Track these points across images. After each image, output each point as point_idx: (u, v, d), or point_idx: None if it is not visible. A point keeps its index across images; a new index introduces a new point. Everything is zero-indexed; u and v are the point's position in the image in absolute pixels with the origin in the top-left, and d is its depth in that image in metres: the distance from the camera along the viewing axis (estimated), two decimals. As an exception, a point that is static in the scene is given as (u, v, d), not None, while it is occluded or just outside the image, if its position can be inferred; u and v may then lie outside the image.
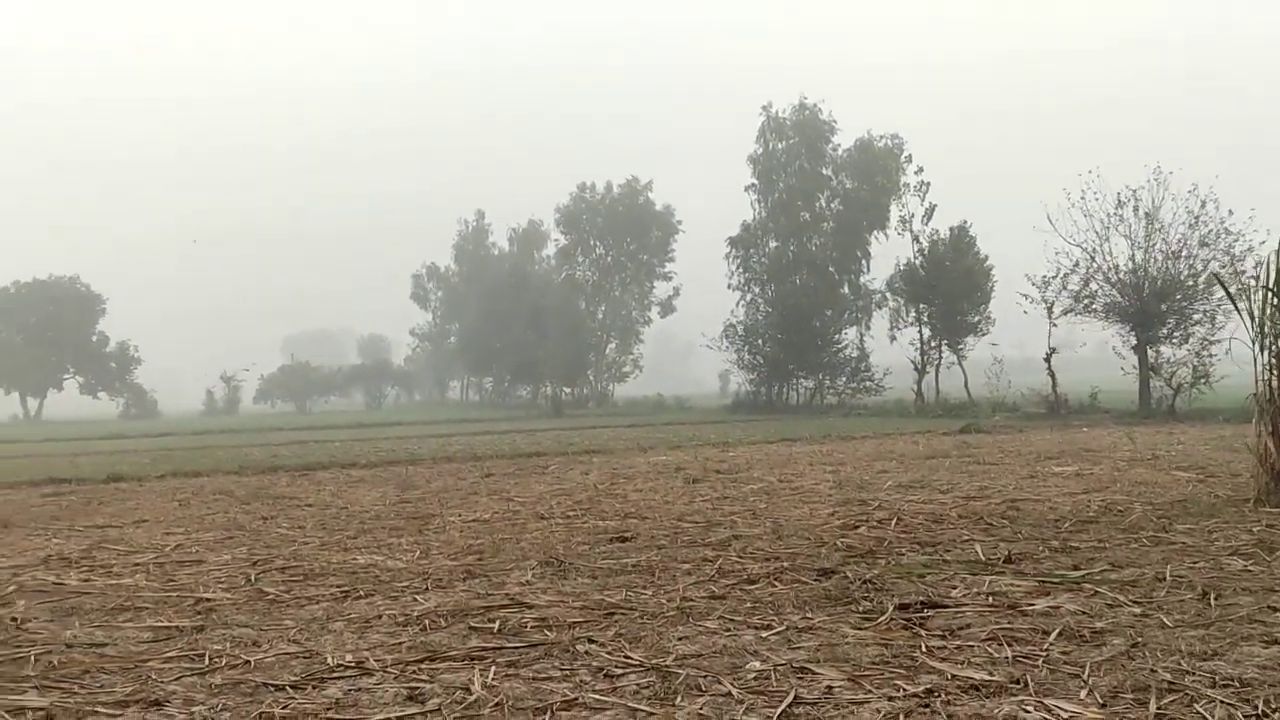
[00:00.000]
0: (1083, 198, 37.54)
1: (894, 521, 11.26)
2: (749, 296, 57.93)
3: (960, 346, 47.33)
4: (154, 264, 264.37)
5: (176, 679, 5.84)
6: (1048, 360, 39.77)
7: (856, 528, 10.95)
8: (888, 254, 53.47)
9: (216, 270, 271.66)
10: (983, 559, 8.90)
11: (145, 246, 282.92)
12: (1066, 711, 4.85)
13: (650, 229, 77.71)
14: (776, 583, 8.10)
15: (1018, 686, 5.25)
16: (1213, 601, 7.04)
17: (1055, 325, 39.63)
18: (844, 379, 54.95)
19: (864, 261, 57.02)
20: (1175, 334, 37.78)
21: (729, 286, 58.32)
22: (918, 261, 48.36)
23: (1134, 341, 38.35)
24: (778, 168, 57.41)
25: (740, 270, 58.06)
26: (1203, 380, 35.96)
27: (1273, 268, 12.77)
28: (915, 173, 51.28)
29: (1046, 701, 4.98)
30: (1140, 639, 6.11)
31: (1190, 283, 36.96)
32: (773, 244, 57.76)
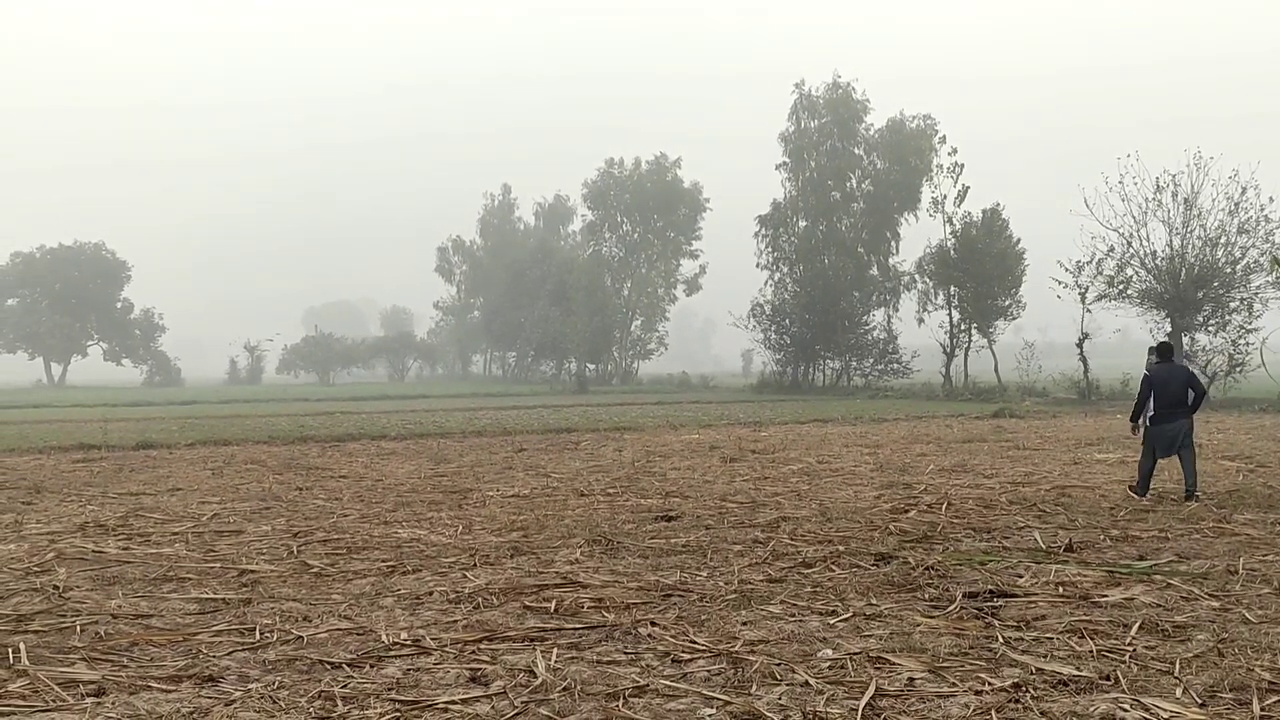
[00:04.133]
0: (1121, 182, 36.90)
1: (944, 506, 11.01)
2: (777, 276, 57.40)
3: (990, 330, 46.72)
4: (180, 233, 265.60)
5: (228, 654, 5.66)
6: (1080, 346, 39.24)
7: (906, 511, 10.70)
8: (917, 235, 52.89)
9: (241, 240, 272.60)
10: (1043, 547, 8.64)
11: (171, 214, 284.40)
12: (1166, 711, 4.60)
13: (678, 206, 76.98)
14: (834, 567, 7.87)
15: (1109, 683, 5.00)
16: (1293, 597, 6.77)
17: (1089, 311, 39.04)
18: (871, 361, 54.46)
19: (893, 243, 56.40)
20: (1211, 321, 37.13)
21: (757, 265, 57.75)
22: (949, 244, 47.68)
23: (1168, 328, 37.75)
24: (809, 146, 56.71)
25: (769, 249, 57.49)
26: (1239, 369, 35.37)
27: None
28: (949, 154, 50.52)
29: (1143, 700, 4.73)
30: (1226, 634, 5.85)
31: (1228, 270, 36.29)
32: (802, 223, 57.15)
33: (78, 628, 6.22)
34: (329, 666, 5.38)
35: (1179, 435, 11.64)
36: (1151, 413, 11.87)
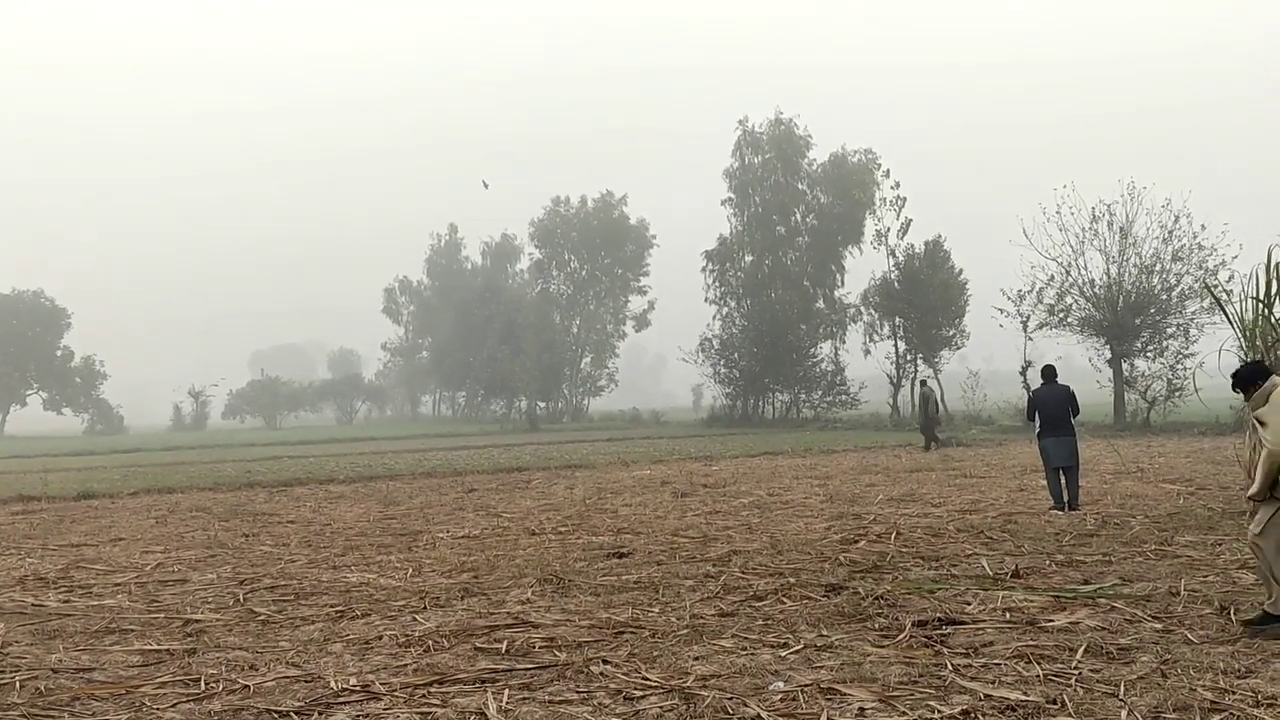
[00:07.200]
0: (1058, 212, 37.62)
1: (893, 536, 11.10)
2: (725, 310, 57.77)
3: (935, 360, 47.36)
4: (120, 278, 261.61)
5: (172, 706, 5.56)
6: (1024, 374, 39.80)
7: (856, 542, 10.78)
8: (862, 268, 53.58)
9: (184, 285, 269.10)
10: (990, 573, 8.74)
11: (111, 261, 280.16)
12: (1112, 733, 4.67)
13: (625, 243, 77.36)
14: (785, 599, 7.90)
15: (1055, 707, 5.07)
16: (1233, 617, 6.90)
17: (1031, 339, 39.65)
18: (820, 393, 54.85)
19: (839, 275, 56.98)
20: (1150, 347, 37.86)
21: (705, 300, 58.05)
22: (893, 275, 48.39)
23: (1108, 355, 38.44)
24: (754, 182, 57.27)
25: (716, 284, 57.87)
26: (1177, 393, 36.02)
27: (1260, 279, 12.68)
28: (892, 187, 51.38)
29: (1089, 723, 4.80)
30: (1169, 656, 5.95)
31: (1164, 296, 37.07)
32: (748, 258, 57.61)
33: (17, 683, 6.08)
34: (276, 715, 5.31)
35: (1064, 450, 13.28)
36: (1038, 429, 13.71)
